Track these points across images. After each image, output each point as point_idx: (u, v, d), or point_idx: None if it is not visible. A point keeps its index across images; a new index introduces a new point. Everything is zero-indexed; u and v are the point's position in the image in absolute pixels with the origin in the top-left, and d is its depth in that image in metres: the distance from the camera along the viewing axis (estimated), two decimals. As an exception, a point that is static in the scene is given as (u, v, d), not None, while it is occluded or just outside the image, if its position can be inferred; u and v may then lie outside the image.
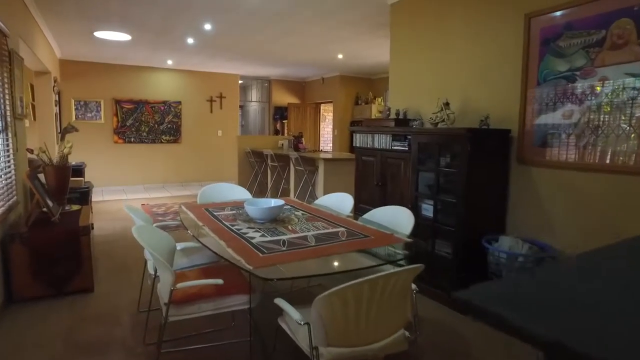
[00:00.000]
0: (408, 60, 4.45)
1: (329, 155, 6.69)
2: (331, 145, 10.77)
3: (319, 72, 10.19)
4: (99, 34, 6.31)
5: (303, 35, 6.32)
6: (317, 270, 2.12)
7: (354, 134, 4.54)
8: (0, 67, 3.39)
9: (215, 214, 3.04)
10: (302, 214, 3.05)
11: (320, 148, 11.07)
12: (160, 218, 6.19)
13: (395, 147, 3.83)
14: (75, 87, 8.42)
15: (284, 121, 11.10)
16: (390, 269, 1.84)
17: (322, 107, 11.35)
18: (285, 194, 7.81)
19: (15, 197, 3.71)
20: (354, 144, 4.44)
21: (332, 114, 11.44)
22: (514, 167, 3.31)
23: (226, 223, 2.73)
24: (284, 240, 2.38)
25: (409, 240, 2.48)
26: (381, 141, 4.01)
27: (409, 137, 3.71)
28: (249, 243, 2.32)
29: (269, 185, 7.95)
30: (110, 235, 5.28)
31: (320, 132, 11.37)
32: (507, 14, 3.34)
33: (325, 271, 2.11)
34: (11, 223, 3.46)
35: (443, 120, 3.54)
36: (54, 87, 7.01)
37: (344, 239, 2.46)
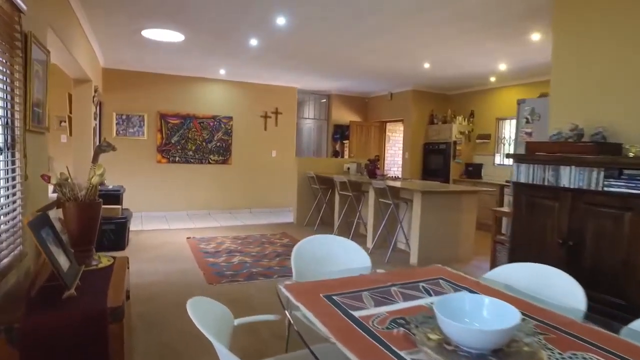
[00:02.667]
0: (587, 58, 3.02)
1: (426, 186, 5.26)
2: (400, 170, 9.35)
3: (386, 87, 8.87)
4: (148, 33, 5.22)
5: (393, 37, 5.02)
6: None
7: (517, 165, 3.09)
8: (3, 52, 2.21)
9: (355, 316, 1.59)
10: (528, 325, 1.53)
11: (385, 173, 9.64)
12: (211, 259, 4.91)
13: (612, 188, 2.37)
14: (118, 99, 7.42)
15: (344, 142, 9.79)
16: None
17: (388, 126, 9.99)
18: (359, 232, 6.41)
19: (20, 247, 2.50)
20: (513, 178, 3.02)
21: (399, 134, 10.06)
22: None
23: (391, 345, 1.34)
24: None
25: None
26: (578, 177, 2.56)
27: (627, 172, 2.26)
28: None
29: (337, 219, 6.57)
30: (151, 285, 4.01)
31: (384, 155, 9.98)
32: None
33: None
34: (8, 291, 2.22)
35: None
36: (94, 97, 5.98)
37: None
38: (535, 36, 4.69)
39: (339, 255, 2.55)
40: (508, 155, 3.74)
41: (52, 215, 2.67)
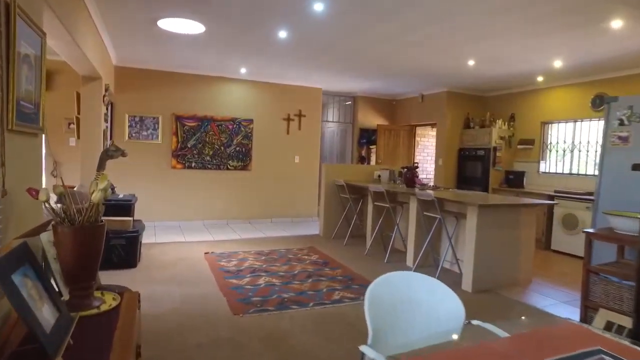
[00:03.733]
0: None
1: (480, 199, 4.57)
2: (432, 177, 8.65)
3: (417, 88, 8.20)
4: (165, 24, 4.64)
5: (439, 29, 4.36)
6: None
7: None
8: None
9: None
10: None
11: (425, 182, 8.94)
12: (234, 281, 4.27)
13: None
14: (131, 100, 6.87)
15: (371, 147, 9.12)
16: None
17: (418, 130, 9.31)
18: (396, 249, 5.73)
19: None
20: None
21: (428, 139, 9.38)
22: None
23: None
24: None
25: None
26: None
27: None
28: None
29: (371, 233, 5.90)
30: (165, 317, 3.38)
31: (413, 161, 9.28)
32: None
33: None
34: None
35: None
36: (104, 97, 5.42)
37: None
38: (616, 23, 3.99)
39: (421, 301, 1.89)
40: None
41: (46, 238, 2.06)
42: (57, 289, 1.90)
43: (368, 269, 4.93)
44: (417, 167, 5.89)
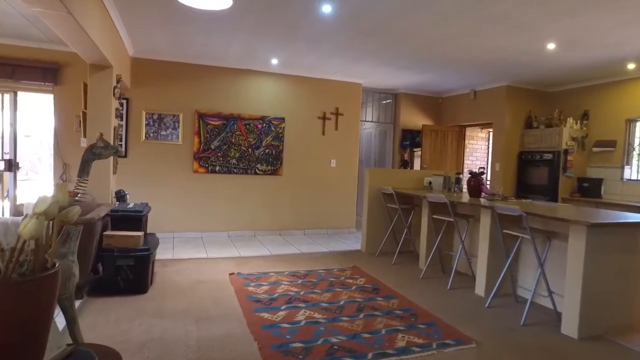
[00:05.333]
0: None
1: (587, 215, 3.52)
2: (488, 184, 7.57)
3: (470, 82, 7.17)
4: (185, -3, 3.81)
5: (516, 2, 3.39)
6: None
7: None
8: None
9: None
10: None
11: (496, 191, 7.89)
12: (266, 315, 3.37)
13: None
14: (149, 95, 6.11)
15: (414, 149, 8.13)
16: None
17: (468, 131, 8.27)
18: (460, 273, 4.73)
19: None
20: None
21: (477, 141, 8.33)
22: None
23: None
24: None
25: None
26: None
27: None
28: None
29: (427, 253, 4.91)
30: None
31: (462, 165, 8.24)
32: None
33: None
34: None
35: None
36: (115, 89, 4.64)
37: None
38: None
39: None
40: None
41: None
42: None
43: (430, 298, 3.95)
44: (483, 173, 4.87)
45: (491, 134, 8.27)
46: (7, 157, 5.99)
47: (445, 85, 7.52)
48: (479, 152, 8.65)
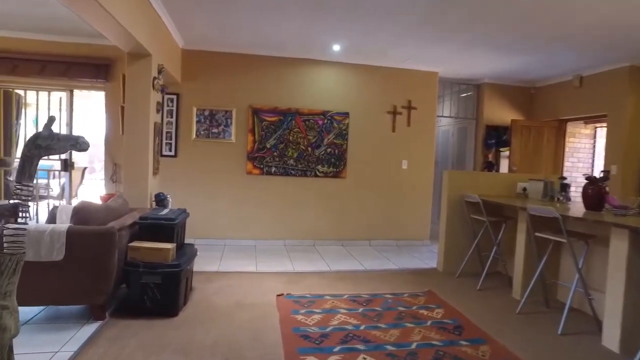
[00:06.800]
0: None
1: None
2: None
3: (575, 65, 5.85)
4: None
5: None
6: None
7: None
8: None
9: None
10: None
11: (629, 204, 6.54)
12: (314, 359, 2.59)
13: None
14: (200, 90, 5.63)
15: (501, 149, 6.92)
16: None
17: (569, 126, 6.89)
18: (576, 310, 3.61)
19: None
20: None
21: (582, 139, 6.93)
22: None
23: None
24: None
25: None
26: None
27: None
28: None
29: (523, 280, 3.83)
30: None
31: (562, 168, 6.88)
32: None
33: None
34: None
35: None
36: (155, 80, 4.13)
37: None
38: None
39: None
40: None
41: None
42: None
43: (535, 349, 2.92)
44: (607, 178, 3.69)
45: (600, 129, 6.84)
46: (63, 157, 5.83)
47: (541, 71, 6.25)
48: (582, 152, 7.19)
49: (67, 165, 5.72)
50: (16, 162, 6.62)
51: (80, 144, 1.62)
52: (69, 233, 2.92)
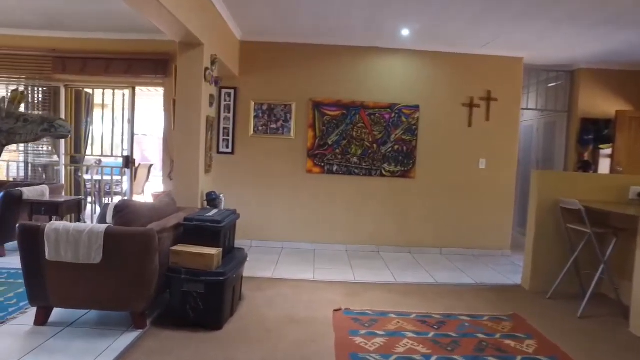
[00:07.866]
0: None
1: None
2: None
3: None
4: None
5: None
6: None
7: None
8: None
9: None
10: None
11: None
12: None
13: None
14: (258, 83, 5.35)
15: (600, 146, 5.92)
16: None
17: (691, 119, 5.72)
18: None
19: None
20: None
21: None
22: None
23: None
24: None
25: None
26: None
27: None
28: None
29: (645, 306, 3.04)
30: None
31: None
32: None
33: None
34: None
35: None
36: (207, 71, 3.86)
37: None
38: None
39: None
40: None
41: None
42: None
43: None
44: None
45: None
46: (125, 153, 5.85)
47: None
48: None
49: (129, 162, 5.71)
50: (87, 160, 6.83)
51: (57, 128, 1.29)
52: (107, 234, 2.68)
